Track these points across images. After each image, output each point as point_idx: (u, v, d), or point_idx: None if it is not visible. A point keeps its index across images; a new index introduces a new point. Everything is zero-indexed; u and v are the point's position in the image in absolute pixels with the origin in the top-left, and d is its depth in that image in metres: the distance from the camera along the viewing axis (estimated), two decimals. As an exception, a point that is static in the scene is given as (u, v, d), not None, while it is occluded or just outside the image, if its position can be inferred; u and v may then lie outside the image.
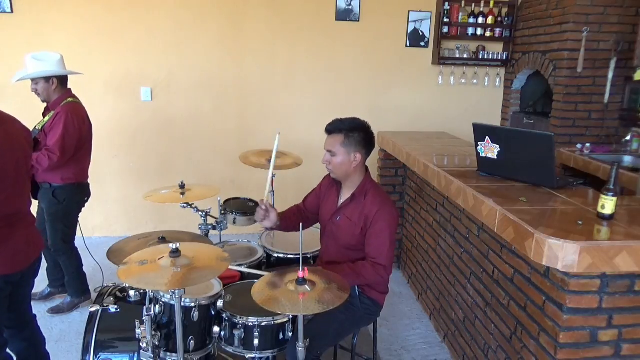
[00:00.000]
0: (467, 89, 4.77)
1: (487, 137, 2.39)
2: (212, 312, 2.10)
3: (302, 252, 1.93)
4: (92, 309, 2.15)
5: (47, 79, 2.96)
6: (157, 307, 2.03)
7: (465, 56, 4.61)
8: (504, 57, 4.62)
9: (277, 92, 4.55)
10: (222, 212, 2.86)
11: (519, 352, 2.12)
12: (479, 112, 4.75)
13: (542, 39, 4.13)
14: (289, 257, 2.64)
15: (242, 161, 3.35)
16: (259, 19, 4.37)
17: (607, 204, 1.82)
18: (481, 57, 4.61)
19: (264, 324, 2.04)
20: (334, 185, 2.35)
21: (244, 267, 2.50)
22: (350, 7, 4.45)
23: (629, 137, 3.56)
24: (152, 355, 1.97)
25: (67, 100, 3.02)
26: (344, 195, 2.30)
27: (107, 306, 2.15)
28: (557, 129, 3.95)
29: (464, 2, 4.45)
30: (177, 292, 1.75)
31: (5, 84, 3.94)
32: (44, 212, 3.12)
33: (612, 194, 1.81)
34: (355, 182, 2.25)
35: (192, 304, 2.03)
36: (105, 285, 2.37)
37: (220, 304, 2.09)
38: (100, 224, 4.53)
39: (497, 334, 2.36)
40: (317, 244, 2.56)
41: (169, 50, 4.33)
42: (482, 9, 4.50)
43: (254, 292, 1.80)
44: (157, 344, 1.98)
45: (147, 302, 2.08)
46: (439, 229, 3.13)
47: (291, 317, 2.08)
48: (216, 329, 2.08)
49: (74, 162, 3.06)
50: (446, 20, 4.46)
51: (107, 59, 4.25)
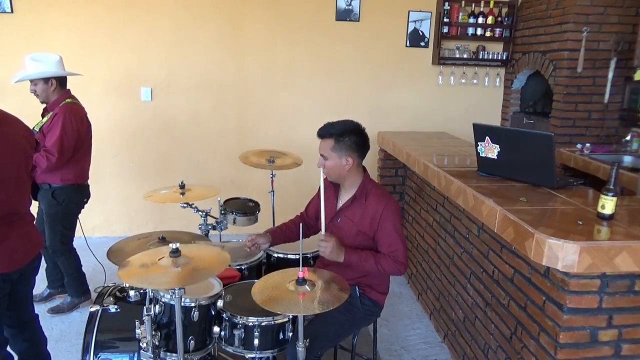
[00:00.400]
0: (467, 89, 4.77)
1: (487, 137, 2.39)
2: (212, 312, 2.10)
3: (302, 252, 1.93)
4: (92, 309, 2.15)
5: (46, 80, 2.96)
6: (157, 307, 2.03)
7: (465, 56, 4.60)
8: (504, 57, 4.62)
9: (277, 92, 4.55)
10: (222, 212, 2.87)
11: (519, 352, 2.12)
12: (479, 112, 4.75)
13: (542, 39, 4.13)
14: (289, 257, 2.65)
15: (242, 161, 3.35)
16: (259, 19, 4.37)
17: (607, 204, 1.82)
18: (481, 57, 4.61)
19: (264, 324, 2.03)
20: (331, 187, 2.33)
21: (243, 267, 2.50)
22: (350, 7, 4.45)
23: (629, 137, 3.56)
24: (152, 355, 1.97)
25: (66, 100, 3.02)
26: (343, 197, 2.30)
27: (107, 306, 2.15)
28: (557, 129, 3.95)
29: (464, 2, 4.45)
30: (177, 291, 1.75)
31: (5, 84, 3.94)
32: (43, 213, 3.12)
33: (612, 194, 1.81)
34: (353, 183, 2.24)
35: (192, 304, 2.02)
36: (105, 285, 2.37)
37: (220, 304, 2.08)
38: (100, 224, 4.53)
39: (497, 334, 2.36)
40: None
41: (169, 50, 4.33)
42: (482, 9, 4.50)
43: (254, 292, 1.80)
44: (157, 344, 1.98)
45: (147, 302, 2.07)
46: (439, 229, 3.13)
47: (291, 317, 2.07)
48: (216, 329, 2.08)
49: (74, 162, 3.05)
50: (446, 20, 4.46)
51: (107, 59, 4.25)
